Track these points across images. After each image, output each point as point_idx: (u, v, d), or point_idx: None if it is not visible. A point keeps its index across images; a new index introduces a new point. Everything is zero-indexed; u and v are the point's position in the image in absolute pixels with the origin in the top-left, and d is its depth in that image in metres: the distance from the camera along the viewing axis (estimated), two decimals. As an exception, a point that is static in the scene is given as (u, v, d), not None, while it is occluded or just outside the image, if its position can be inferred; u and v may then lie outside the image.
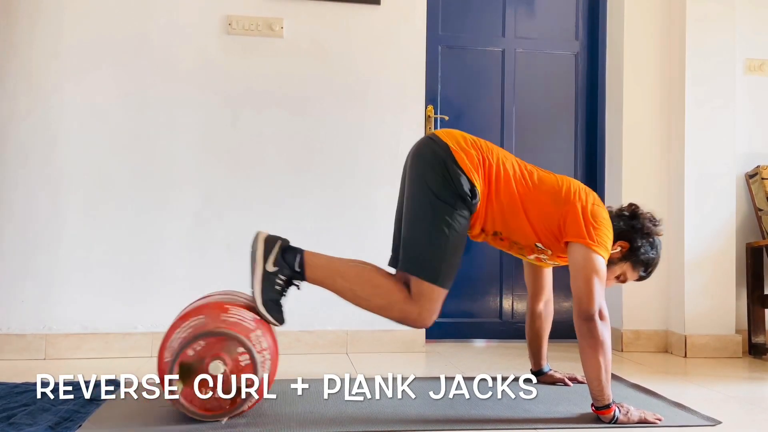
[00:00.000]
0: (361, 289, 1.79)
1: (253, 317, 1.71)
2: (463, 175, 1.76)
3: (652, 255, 1.90)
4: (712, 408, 1.95)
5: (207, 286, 2.68)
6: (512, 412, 1.81)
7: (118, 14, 2.77)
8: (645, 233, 1.89)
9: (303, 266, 1.77)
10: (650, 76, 3.13)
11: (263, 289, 1.73)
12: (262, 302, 1.73)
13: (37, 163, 2.69)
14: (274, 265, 1.74)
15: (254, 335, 1.66)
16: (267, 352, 1.68)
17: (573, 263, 1.78)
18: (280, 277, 1.74)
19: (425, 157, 1.82)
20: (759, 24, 3.20)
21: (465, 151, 1.80)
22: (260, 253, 1.75)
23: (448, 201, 1.76)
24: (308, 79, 2.88)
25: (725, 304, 2.98)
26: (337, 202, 2.88)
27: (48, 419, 1.65)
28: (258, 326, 1.69)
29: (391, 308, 1.80)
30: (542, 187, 1.84)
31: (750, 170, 3.15)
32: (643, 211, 1.94)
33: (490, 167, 1.81)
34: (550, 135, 3.31)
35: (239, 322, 1.66)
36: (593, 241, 1.75)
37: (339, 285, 1.79)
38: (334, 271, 1.79)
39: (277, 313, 1.75)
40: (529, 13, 3.31)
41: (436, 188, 1.77)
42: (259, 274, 1.74)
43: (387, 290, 1.79)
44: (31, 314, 2.65)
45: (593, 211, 1.80)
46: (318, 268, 1.78)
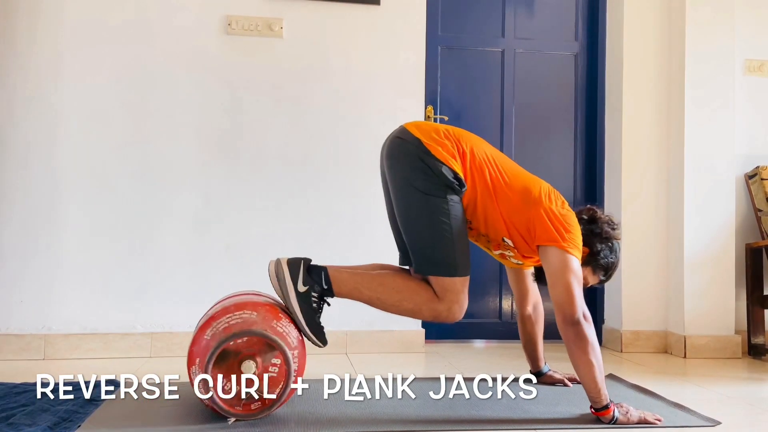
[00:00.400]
0: (387, 297, 1.79)
1: (297, 336, 1.71)
2: (443, 166, 1.75)
3: (611, 259, 1.91)
4: (711, 408, 1.95)
5: (207, 287, 2.69)
6: (511, 413, 1.81)
7: (118, 15, 2.76)
8: (604, 237, 1.89)
9: (330, 282, 1.77)
10: (649, 76, 3.13)
11: (303, 310, 1.73)
12: (306, 323, 1.73)
13: (37, 163, 2.69)
14: (304, 285, 1.74)
15: (292, 353, 1.66)
16: (294, 373, 1.68)
17: (549, 267, 1.77)
18: (313, 295, 1.74)
19: (400, 158, 1.81)
20: (758, 25, 3.20)
21: (438, 142, 1.79)
22: (288, 276, 1.74)
23: (437, 194, 1.76)
24: (308, 80, 2.88)
25: (725, 304, 2.98)
26: (336, 203, 2.88)
27: (47, 419, 1.64)
28: (299, 346, 1.70)
29: (421, 310, 1.81)
30: (514, 183, 1.83)
31: (749, 171, 3.15)
32: (602, 215, 1.93)
33: (464, 155, 1.80)
34: (549, 135, 3.31)
35: (286, 335, 1.66)
36: (567, 242, 1.75)
37: (366, 296, 1.79)
38: (359, 283, 1.79)
39: (321, 335, 1.76)
40: (528, 13, 3.31)
41: (421, 185, 1.76)
42: (293, 297, 1.73)
43: (411, 293, 1.80)
44: (30, 314, 2.65)
45: (563, 214, 1.80)
46: (343, 283, 1.78)
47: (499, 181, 1.82)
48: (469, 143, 1.83)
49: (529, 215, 1.79)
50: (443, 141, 1.79)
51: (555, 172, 3.28)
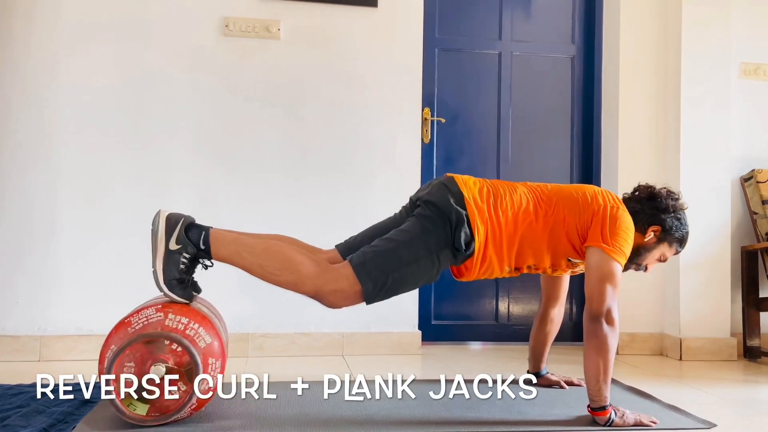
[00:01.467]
0: (269, 264, 1.71)
1: (155, 309, 1.64)
2: (468, 229, 1.75)
3: (684, 230, 1.93)
4: (707, 411, 1.96)
5: (203, 287, 2.67)
6: (507, 414, 1.82)
7: (115, 15, 2.76)
8: (671, 211, 1.90)
9: (208, 243, 1.70)
10: (646, 79, 3.14)
11: (165, 268, 1.67)
12: (165, 282, 1.67)
13: (32, 163, 2.68)
14: (177, 243, 1.68)
15: (169, 321, 1.61)
16: (193, 324, 1.63)
17: (588, 266, 1.80)
18: (185, 255, 1.68)
19: (435, 204, 1.77)
20: (754, 28, 3.21)
21: (477, 205, 1.78)
22: (162, 231, 1.68)
23: (438, 241, 1.74)
24: (305, 81, 2.88)
25: (720, 307, 2.99)
26: (333, 204, 2.88)
27: (42, 421, 1.64)
28: (166, 310, 1.64)
29: (303, 283, 1.71)
30: (561, 204, 1.84)
31: (745, 174, 3.16)
32: (660, 190, 1.94)
33: (506, 215, 1.79)
34: (546, 137, 3.32)
35: (147, 323, 1.61)
36: (610, 246, 1.77)
37: (247, 261, 1.71)
38: (241, 247, 1.71)
39: (182, 290, 1.69)
40: (525, 16, 3.32)
41: (433, 237, 1.74)
42: (161, 253, 1.67)
43: (298, 263, 1.71)
44: (25, 316, 2.64)
45: (613, 216, 1.81)
46: (224, 245, 1.70)
47: (546, 214, 1.82)
48: (507, 199, 1.82)
49: (582, 222, 1.82)
50: (482, 205, 1.79)
51: (551, 174, 3.28)
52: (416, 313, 2.94)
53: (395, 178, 2.93)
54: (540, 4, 3.34)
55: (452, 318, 3.20)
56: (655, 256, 1.94)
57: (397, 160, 2.95)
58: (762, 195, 3.06)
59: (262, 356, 2.76)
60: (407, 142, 2.97)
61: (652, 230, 1.90)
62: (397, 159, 2.95)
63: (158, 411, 1.58)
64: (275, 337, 2.80)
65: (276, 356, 2.76)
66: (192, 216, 1.74)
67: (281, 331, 2.81)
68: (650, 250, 1.92)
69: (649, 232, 1.90)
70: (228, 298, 2.69)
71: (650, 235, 1.90)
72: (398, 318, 2.89)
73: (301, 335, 2.82)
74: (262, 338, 2.78)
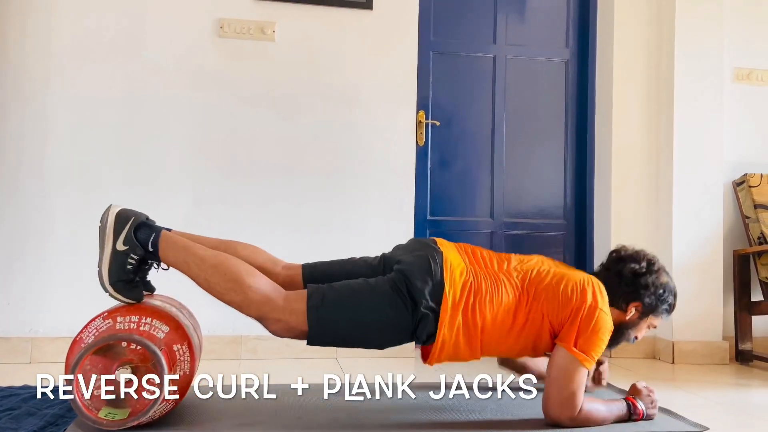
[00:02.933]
0: (216, 281, 1.61)
1: (102, 318, 1.60)
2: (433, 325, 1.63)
3: (668, 303, 1.84)
4: (699, 414, 1.96)
5: (197, 291, 2.67)
6: (501, 416, 1.82)
7: (110, 16, 2.75)
8: (652, 287, 1.80)
9: (157, 246, 1.62)
10: (639, 83, 3.16)
11: (111, 269, 1.60)
12: (110, 284, 1.59)
13: (26, 164, 2.67)
14: (125, 244, 1.60)
15: (119, 324, 1.57)
16: (146, 318, 1.59)
17: (554, 364, 1.68)
18: (132, 256, 1.60)
19: (412, 283, 1.64)
20: (747, 33, 3.23)
21: (454, 305, 1.64)
22: (110, 229, 1.60)
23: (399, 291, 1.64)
24: (300, 83, 2.88)
25: (713, 310, 3.00)
26: (327, 206, 2.88)
27: (33, 423, 1.63)
28: (114, 315, 1.59)
29: (248, 306, 1.62)
30: (543, 299, 1.71)
31: (737, 178, 3.18)
32: (641, 267, 1.81)
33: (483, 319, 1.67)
34: (540, 141, 3.32)
35: (97, 333, 1.57)
36: (580, 351, 1.65)
37: (193, 272, 1.63)
38: (190, 257, 1.62)
39: (129, 291, 1.61)
40: (520, 20, 3.33)
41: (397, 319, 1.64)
42: (107, 253, 1.60)
43: (246, 287, 1.61)
44: (16, 317, 2.62)
45: (589, 316, 1.67)
46: (173, 251, 1.62)
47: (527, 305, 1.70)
48: (489, 279, 1.71)
49: (560, 319, 1.69)
50: (459, 303, 1.65)
51: (545, 178, 3.29)
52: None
53: (390, 180, 2.93)
54: (534, 8, 3.35)
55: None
56: (641, 329, 1.86)
57: (391, 162, 2.95)
58: (754, 199, 3.08)
59: (255, 359, 2.75)
60: (402, 145, 2.97)
61: (633, 306, 1.80)
62: (391, 161, 2.95)
63: (137, 411, 1.55)
64: (268, 340, 2.78)
65: (269, 359, 2.75)
66: (144, 213, 1.66)
67: (274, 334, 2.79)
68: (634, 326, 1.84)
69: (630, 309, 1.80)
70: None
71: (631, 311, 1.81)
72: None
73: (295, 338, 2.81)
74: (256, 341, 2.77)
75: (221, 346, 2.73)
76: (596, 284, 1.74)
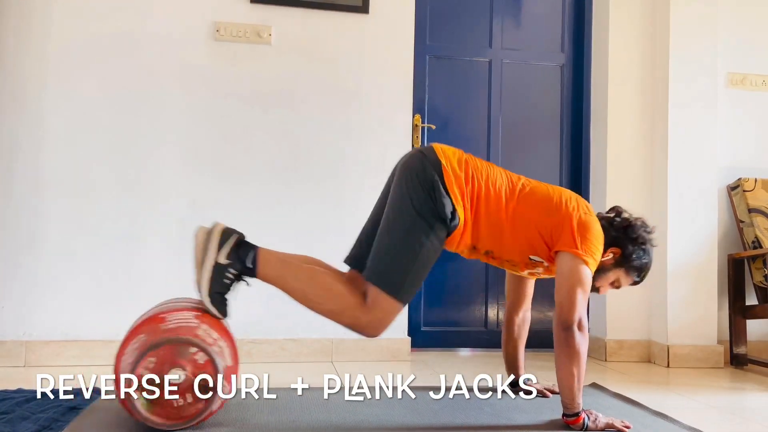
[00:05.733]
0: (313, 292, 1.73)
1: (194, 315, 1.64)
2: (447, 198, 1.74)
3: (644, 260, 1.90)
4: (694, 418, 1.97)
5: (191, 294, 2.66)
6: (496, 420, 1.81)
7: (106, 19, 2.75)
8: (640, 243, 1.88)
9: (256, 263, 1.70)
10: (634, 88, 3.17)
11: (212, 281, 1.66)
12: (208, 294, 1.66)
13: (20, 167, 2.66)
14: (227, 258, 1.68)
15: (201, 331, 1.60)
16: (221, 341, 1.63)
17: (559, 272, 1.77)
18: (231, 271, 1.68)
19: (415, 171, 1.79)
20: (741, 38, 3.25)
21: (455, 173, 1.77)
22: (215, 243, 1.68)
23: (427, 220, 1.74)
24: (296, 87, 2.88)
25: (707, 314, 3.01)
26: (323, 209, 2.88)
27: (27, 427, 1.62)
28: (202, 321, 1.63)
29: (342, 313, 1.74)
30: (533, 199, 1.82)
31: (732, 182, 3.19)
32: (635, 220, 1.92)
33: (479, 188, 1.79)
34: (535, 145, 3.34)
35: (180, 325, 1.60)
36: (582, 251, 1.74)
37: (290, 285, 1.73)
38: (287, 271, 1.73)
39: (222, 306, 1.69)
40: (515, 24, 3.34)
41: (418, 205, 1.74)
42: (210, 265, 1.67)
43: (339, 294, 1.73)
44: (10, 320, 2.61)
45: (584, 221, 1.78)
46: (271, 267, 1.72)
47: (517, 203, 1.81)
48: (485, 175, 1.82)
49: (552, 222, 1.79)
50: (459, 173, 1.77)
51: (540, 181, 3.29)
52: (406, 319, 2.94)
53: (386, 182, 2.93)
54: (530, 12, 3.37)
55: (442, 324, 3.20)
56: (609, 278, 1.91)
57: (387, 166, 2.91)
58: (748, 203, 3.09)
59: (250, 362, 2.74)
60: (398, 149, 2.95)
61: (611, 251, 1.87)
62: (387, 165, 2.91)
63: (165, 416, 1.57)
64: (263, 343, 2.79)
65: (265, 362, 2.74)
66: (244, 233, 1.75)
67: (270, 337, 2.79)
68: (605, 271, 1.88)
69: (608, 253, 1.86)
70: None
71: (609, 255, 1.87)
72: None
73: (290, 341, 2.81)
74: (251, 344, 2.76)
75: (216, 349, 2.72)
76: (583, 200, 1.88)
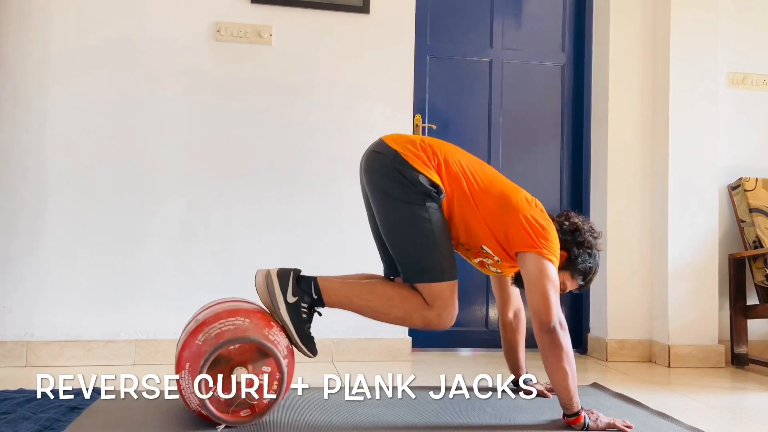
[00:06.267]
0: (378, 305, 1.79)
1: (287, 345, 1.71)
2: (420, 174, 1.77)
3: (589, 264, 1.91)
4: (695, 418, 1.97)
5: (192, 294, 2.67)
6: (497, 420, 1.82)
7: (106, 20, 2.75)
8: (585, 246, 1.89)
9: (319, 292, 1.77)
10: (635, 88, 3.17)
11: (293, 320, 1.73)
12: (297, 334, 1.73)
13: (22, 167, 2.67)
14: (294, 295, 1.75)
15: (285, 361, 1.66)
16: (285, 378, 1.68)
17: (526, 274, 1.76)
18: (303, 306, 1.75)
19: (378, 170, 1.82)
20: (741, 38, 3.25)
21: (414, 153, 1.80)
22: (277, 287, 1.75)
23: (416, 202, 1.76)
24: (296, 87, 2.88)
25: (708, 314, 3.01)
26: (323, 209, 2.88)
27: (28, 427, 1.62)
28: (288, 355, 1.70)
29: (411, 317, 1.80)
30: (491, 190, 1.82)
31: (733, 182, 3.19)
32: (582, 223, 1.92)
33: (439, 165, 1.81)
34: (536, 145, 3.33)
35: (277, 343, 1.67)
36: (544, 249, 1.75)
37: (356, 305, 1.80)
38: (348, 293, 1.79)
39: (311, 345, 1.77)
40: (516, 24, 3.34)
41: (400, 195, 1.77)
42: (283, 308, 1.73)
43: (401, 300, 1.79)
44: (12, 321, 2.61)
45: (539, 220, 1.79)
46: (333, 292, 1.78)
47: (474, 189, 1.82)
48: (443, 152, 1.84)
49: (506, 221, 1.78)
50: (418, 152, 1.81)
51: (541, 182, 3.30)
52: (406, 319, 2.93)
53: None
54: (530, 12, 3.37)
55: (442, 324, 3.20)
56: None
57: (388, 166, 2.95)
58: (749, 203, 3.09)
59: (251, 362, 2.74)
60: (398, 149, 2.97)
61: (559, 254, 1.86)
62: (388, 165, 2.95)
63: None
64: (265, 343, 2.78)
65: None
66: (300, 268, 1.80)
67: (271, 337, 2.79)
68: None
69: None
70: (217, 304, 2.68)
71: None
72: (389, 324, 2.88)
73: (291, 341, 2.81)
74: (252, 344, 2.76)
75: (217, 349, 2.72)
76: (535, 200, 1.87)
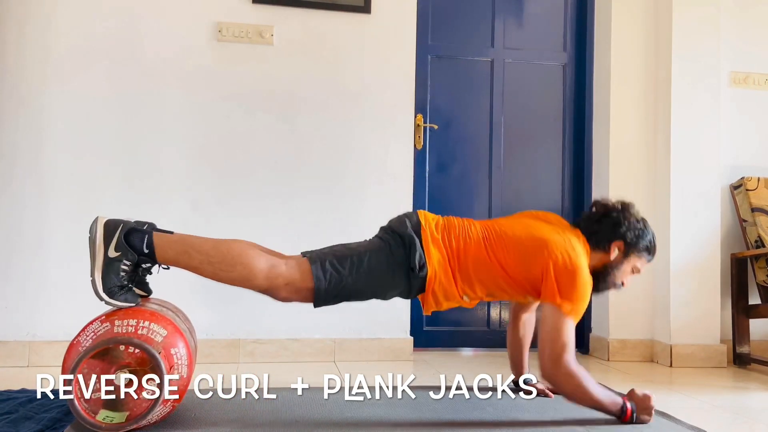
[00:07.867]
0: (219, 259, 1.67)
1: (101, 320, 1.62)
2: (421, 251, 1.76)
3: (648, 238, 1.90)
4: (697, 417, 1.96)
5: (196, 294, 2.67)
6: (498, 420, 1.81)
7: (108, 20, 2.76)
8: (628, 223, 1.87)
9: (152, 246, 1.66)
10: (637, 87, 3.17)
11: (104, 277, 1.65)
12: (104, 290, 1.64)
13: (23, 167, 2.67)
14: (116, 251, 1.65)
15: (117, 328, 1.57)
16: (144, 322, 1.59)
17: (543, 321, 1.76)
18: (125, 262, 1.65)
19: (398, 231, 1.82)
20: (744, 37, 3.24)
21: (433, 236, 1.79)
22: (101, 238, 1.66)
23: (395, 257, 1.77)
24: (298, 87, 2.88)
25: (710, 314, 3.01)
26: (325, 209, 2.88)
27: (30, 427, 1.63)
28: (111, 318, 1.61)
29: (255, 276, 1.69)
30: (510, 250, 1.80)
31: (735, 182, 3.18)
32: (613, 204, 1.91)
33: (458, 244, 1.80)
34: (538, 144, 3.33)
35: (95, 337, 1.57)
36: (565, 304, 1.73)
37: (195, 259, 1.67)
38: (188, 246, 1.68)
39: (124, 295, 1.65)
40: (518, 24, 3.34)
41: (392, 247, 1.78)
42: (100, 262, 1.65)
43: (249, 258, 1.69)
44: (14, 321, 2.62)
45: (567, 270, 1.75)
46: (169, 247, 1.67)
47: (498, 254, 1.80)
48: (463, 233, 1.83)
49: (532, 274, 1.78)
50: (437, 236, 1.80)
51: (543, 181, 3.30)
52: (408, 319, 2.94)
53: (388, 184, 2.94)
54: (532, 12, 3.36)
55: (444, 324, 3.20)
56: (626, 271, 1.90)
57: (389, 166, 2.96)
58: (751, 202, 3.08)
59: (253, 362, 2.75)
60: (400, 149, 2.97)
61: (615, 246, 1.86)
62: (389, 165, 2.96)
63: (135, 414, 1.55)
64: (266, 343, 2.79)
65: (267, 362, 2.75)
66: (131, 220, 1.69)
67: (272, 337, 2.80)
68: (619, 267, 1.88)
69: (613, 249, 1.86)
70: (218, 304, 2.69)
71: (615, 252, 1.86)
72: (390, 324, 2.89)
73: (293, 341, 2.81)
74: (254, 344, 2.77)
75: (218, 349, 2.73)
76: (563, 239, 1.80)
